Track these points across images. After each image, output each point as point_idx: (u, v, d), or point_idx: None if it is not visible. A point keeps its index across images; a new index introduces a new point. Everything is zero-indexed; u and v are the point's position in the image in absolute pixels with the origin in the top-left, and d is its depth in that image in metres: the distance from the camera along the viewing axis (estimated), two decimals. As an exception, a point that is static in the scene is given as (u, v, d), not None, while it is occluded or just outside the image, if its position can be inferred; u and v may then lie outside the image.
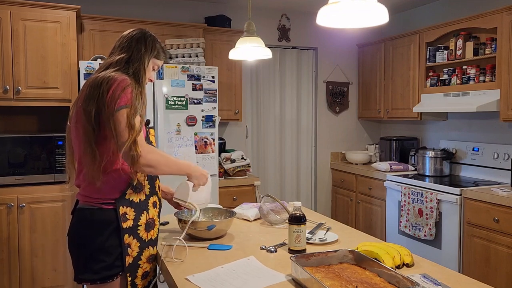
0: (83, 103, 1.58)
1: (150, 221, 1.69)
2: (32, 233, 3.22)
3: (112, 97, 1.54)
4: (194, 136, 3.49)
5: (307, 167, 4.93)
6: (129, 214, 1.61)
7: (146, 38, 1.76)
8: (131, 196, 1.63)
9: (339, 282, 1.36)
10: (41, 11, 3.28)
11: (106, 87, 1.55)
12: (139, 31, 1.78)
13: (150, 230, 1.69)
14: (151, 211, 1.71)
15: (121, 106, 1.55)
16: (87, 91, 1.59)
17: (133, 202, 1.64)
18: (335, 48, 4.91)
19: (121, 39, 1.75)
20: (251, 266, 1.60)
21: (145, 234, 1.66)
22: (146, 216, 1.67)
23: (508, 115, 3.22)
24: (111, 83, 1.56)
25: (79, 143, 1.60)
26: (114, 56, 1.71)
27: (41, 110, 3.62)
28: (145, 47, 1.75)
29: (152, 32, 1.82)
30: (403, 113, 4.27)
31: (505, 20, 3.22)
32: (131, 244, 1.61)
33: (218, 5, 4.36)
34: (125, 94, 1.57)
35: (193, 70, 3.48)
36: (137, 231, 1.63)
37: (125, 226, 1.59)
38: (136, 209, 1.64)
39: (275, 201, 2.18)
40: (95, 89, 1.56)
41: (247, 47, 2.51)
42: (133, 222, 1.62)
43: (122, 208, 1.60)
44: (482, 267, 3.09)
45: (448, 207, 3.34)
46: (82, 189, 1.64)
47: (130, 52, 1.71)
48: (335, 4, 1.31)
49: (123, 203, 1.61)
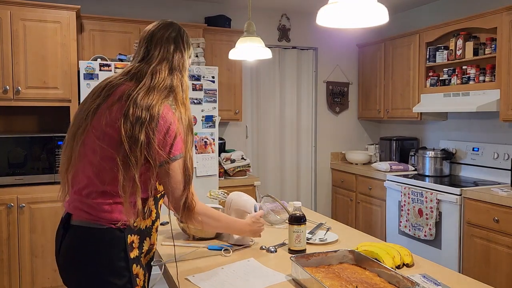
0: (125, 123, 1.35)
1: (151, 247, 1.54)
2: (32, 233, 3.22)
3: (164, 141, 1.38)
4: (194, 136, 3.49)
5: (307, 167, 4.93)
6: (135, 242, 1.45)
7: (183, 36, 1.55)
8: (139, 224, 1.46)
9: (339, 282, 1.36)
10: (41, 11, 3.28)
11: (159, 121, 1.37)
12: (172, 28, 1.54)
13: (147, 255, 1.53)
14: (153, 236, 1.55)
15: (176, 156, 1.40)
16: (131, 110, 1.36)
17: (140, 229, 1.47)
18: (335, 48, 4.91)
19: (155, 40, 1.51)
20: (251, 267, 1.60)
21: (144, 260, 1.50)
22: (148, 242, 1.51)
23: (508, 115, 3.22)
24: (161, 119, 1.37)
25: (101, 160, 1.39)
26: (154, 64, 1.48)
27: (41, 110, 3.62)
28: (184, 49, 1.54)
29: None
30: (403, 113, 4.27)
31: (505, 20, 3.22)
32: (139, 273, 1.45)
33: (218, 5, 4.36)
34: (179, 140, 1.41)
35: (193, 70, 3.48)
36: (140, 259, 1.47)
37: (132, 255, 1.42)
38: (141, 236, 1.48)
39: (275, 201, 2.17)
40: (142, 111, 1.36)
41: (247, 47, 2.51)
42: (138, 250, 1.46)
43: (130, 236, 1.42)
44: (482, 267, 3.09)
45: (448, 207, 3.33)
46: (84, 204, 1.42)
47: (169, 59, 1.50)
48: (335, 4, 1.31)
49: (131, 231, 1.43)
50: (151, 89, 1.42)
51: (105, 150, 1.38)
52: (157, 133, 1.37)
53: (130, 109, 1.36)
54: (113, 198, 1.39)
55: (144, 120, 1.35)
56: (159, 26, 1.53)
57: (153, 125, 1.36)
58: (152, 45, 1.50)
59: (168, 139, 1.38)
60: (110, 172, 1.37)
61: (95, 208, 1.40)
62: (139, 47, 1.53)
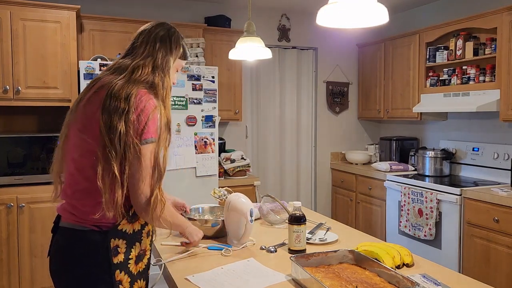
0: (103, 114, 1.34)
1: (141, 253, 1.48)
2: (32, 233, 3.22)
3: (138, 123, 1.34)
4: (194, 136, 3.49)
5: (307, 167, 4.93)
6: (121, 247, 1.40)
7: (171, 36, 1.54)
8: (124, 227, 1.41)
9: (339, 282, 1.36)
10: (41, 11, 3.28)
11: (133, 104, 1.34)
12: (162, 27, 1.54)
13: (139, 262, 1.47)
14: (144, 242, 1.49)
15: (147, 139, 1.35)
16: (109, 101, 1.35)
17: (126, 233, 1.41)
18: (335, 48, 4.91)
19: (142, 37, 1.51)
20: (251, 267, 1.60)
21: (134, 267, 1.45)
22: (138, 248, 1.46)
23: (508, 115, 3.22)
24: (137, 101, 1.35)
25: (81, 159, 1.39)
26: (138, 59, 1.47)
27: (41, 110, 3.62)
28: (171, 47, 1.52)
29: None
30: (403, 113, 4.27)
31: (505, 20, 3.22)
32: (122, 280, 1.40)
33: (218, 5, 4.35)
34: (153, 122, 1.36)
35: (193, 70, 3.48)
36: (127, 266, 1.42)
37: (116, 261, 1.38)
38: (128, 241, 1.42)
39: (275, 201, 2.17)
40: (120, 102, 1.34)
41: (247, 47, 2.51)
42: (124, 256, 1.40)
43: (114, 240, 1.38)
44: (482, 267, 3.09)
45: (448, 207, 3.33)
46: (70, 205, 1.41)
47: (154, 56, 1.48)
48: (335, 4, 1.31)
49: (115, 235, 1.38)
50: (131, 82, 1.40)
51: (86, 142, 1.37)
52: (132, 116, 1.34)
53: (108, 100, 1.35)
54: (96, 198, 1.34)
55: (123, 110, 1.33)
56: (150, 25, 1.54)
57: (130, 112, 1.33)
58: (139, 41, 1.50)
59: (142, 119, 1.34)
60: (91, 167, 1.34)
61: (79, 209, 1.38)
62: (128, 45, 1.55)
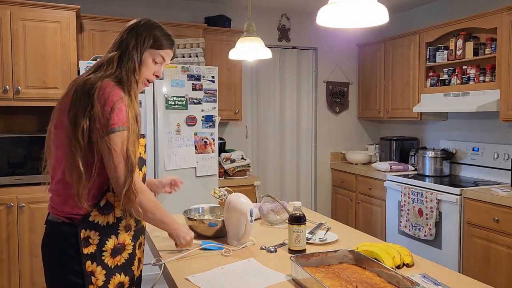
0: (70, 110, 1.38)
1: (119, 246, 1.47)
2: (32, 233, 3.22)
3: (102, 115, 1.35)
4: (194, 136, 3.49)
5: (307, 167, 4.93)
6: (93, 238, 1.41)
7: (139, 27, 1.50)
8: (96, 218, 1.42)
9: (339, 282, 1.36)
10: (41, 11, 3.28)
11: (96, 98, 1.36)
12: (137, 20, 1.54)
13: (117, 256, 1.47)
14: (121, 236, 1.48)
15: (115, 128, 1.36)
16: (75, 96, 1.39)
17: (98, 224, 1.43)
18: (335, 48, 4.91)
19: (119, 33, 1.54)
20: (251, 267, 1.60)
21: (110, 260, 1.45)
22: (114, 241, 1.46)
23: (508, 115, 3.22)
24: (99, 94, 1.36)
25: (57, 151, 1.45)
26: (107, 54, 1.50)
27: (41, 110, 3.61)
28: (136, 39, 1.48)
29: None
30: (403, 113, 4.27)
31: (505, 20, 3.22)
32: (95, 271, 1.41)
33: (218, 5, 4.35)
34: (119, 111, 1.37)
35: (193, 70, 3.48)
36: (101, 257, 1.42)
37: (86, 251, 1.40)
38: (102, 233, 1.43)
39: (275, 201, 2.17)
40: (85, 97, 1.37)
41: (247, 47, 2.51)
42: (96, 247, 1.42)
43: (85, 231, 1.40)
44: (482, 267, 3.09)
45: (448, 207, 3.33)
46: (51, 199, 1.49)
47: (120, 49, 1.48)
48: (335, 4, 1.31)
49: (85, 226, 1.41)
50: (96, 77, 1.42)
51: (59, 137, 1.43)
52: (96, 109, 1.35)
53: (74, 96, 1.40)
54: (66, 190, 1.41)
55: (86, 105, 1.36)
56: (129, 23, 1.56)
57: (94, 106, 1.35)
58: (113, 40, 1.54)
59: (106, 109, 1.35)
60: (63, 161, 1.41)
61: (56, 201, 1.46)
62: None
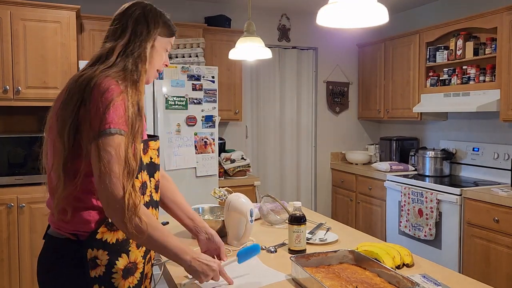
0: (60, 109, 1.21)
1: (131, 266, 1.28)
2: (32, 233, 3.22)
3: (95, 113, 1.14)
4: (194, 136, 3.49)
5: (307, 167, 4.93)
6: (101, 258, 1.22)
7: (147, 14, 1.32)
8: (105, 235, 1.23)
9: (339, 282, 1.36)
10: (41, 11, 3.28)
11: (89, 93, 1.16)
12: (137, 5, 1.34)
13: (129, 277, 1.28)
14: (133, 253, 1.29)
15: (106, 130, 1.14)
16: (67, 93, 1.21)
17: (107, 242, 1.24)
18: (335, 48, 4.91)
19: (116, 21, 1.32)
20: (250, 266, 1.60)
21: (122, 282, 1.26)
22: (125, 260, 1.26)
23: (508, 115, 3.22)
24: (93, 90, 1.16)
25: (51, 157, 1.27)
26: (108, 45, 1.29)
27: (41, 110, 3.60)
28: (148, 27, 1.31)
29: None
30: (403, 113, 4.27)
31: (505, 20, 3.22)
32: None
33: (218, 5, 4.36)
34: (115, 110, 1.15)
35: (193, 70, 3.48)
36: (110, 280, 1.24)
37: (93, 274, 1.21)
38: (111, 252, 1.24)
39: (275, 201, 2.17)
40: (75, 93, 1.18)
41: (247, 47, 2.51)
42: (105, 269, 1.23)
43: (91, 250, 1.21)
44: (482, 267, 3.09)
45: (448, 207, 3.33)
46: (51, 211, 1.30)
47: (126, 38, 1.28)
48: (335, 4, 1.31)
49: (92, 245, 1.21)
50: (93, 70, 1.22)
51: (51, 142, 1.26)
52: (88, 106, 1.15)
53: (66, 94, 1.22)
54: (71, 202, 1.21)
55: (76, 101, 1.17)
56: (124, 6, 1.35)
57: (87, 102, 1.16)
58: (111, 26, 1.32)
59: (101, 106, 1.14)
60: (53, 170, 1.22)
61: (54, 214, 1.26)
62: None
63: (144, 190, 1.34)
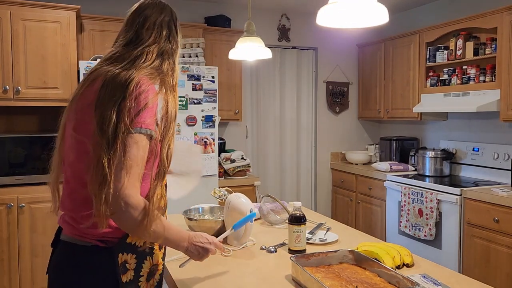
0: (96, 107, 1.17)
1: (153, 268, 1.31)
2: (32, 233, 3.22)
3: (134, 109, 1.15)
4: (194, 136, 3.49)
5: (307, 167, 4.93)
6: (130, 262, 1.23)
7: (175, 21, 1.40)
8: (134, 239, 1.24)
9: (339, 282, 1.36)
10: (41, 11, 3.28)
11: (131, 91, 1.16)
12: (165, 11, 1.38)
13: (151, 279, 1.31)
14: (156, 256, 1.32)
15: (138, 129, 1.15)
16: (102, 91, 1.18)
17: (136, 246, 1.24)
18: (335, 48, 4.91)
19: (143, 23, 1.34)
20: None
21: (145, 285, 1.28)
22: (149, 263, 1.29)
23: (508, 115, 3.22)
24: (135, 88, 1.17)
25: (76, 160, 1.22)
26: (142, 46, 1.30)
27: (41, 110, 3.61)
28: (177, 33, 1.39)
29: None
30: (403, 113, 4.27)
31: (505, 20, 3.22)
32: None
33: (218, 5, 4.35)
34: (149, 110, 1.17)
35: (193, 70, 3.48)
36: (138, 284, 1.25)
37: (125, 279, 1.21)
38: (139, 255, 1.25)
39: (275, 201, 2.17)
40: (115, 90, 1.17)
41: (247, 47, 2.51)
42: (134, 273, 1.24)
43: (122, 255, 1.21)
44: (482, 267, 3.09)
45: (448, 207, 3.33)
46: (69, 217, 1.24)
47: (160, 42, 1.33)
48: (335, 4, 1.31)
49: (123, 249, 1.21)
50: (132, 68, 1.23)
51: (81, 142, 1.20)
52: (127, 102, 1.15)
53: (103, 90, 1.18)
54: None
55: (118, 97, 1.16)
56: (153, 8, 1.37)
57: (127, 99, 1.16)
58: (144, 29, 1.33)
59: (137, 105, 1.15)
60: (88, 170, 1.14)
61: (78, 222, 1.21)
62: (125, 31, 1.35)
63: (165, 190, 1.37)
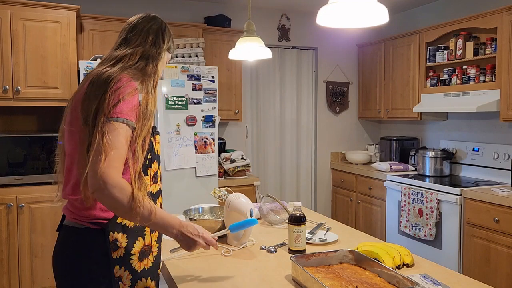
0: (82, 102, 1.32)
1: (146, 249, 1.42)
2: (32, 233, 3.22)
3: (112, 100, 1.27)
4: (194, 136, 3.49)
5: (307, 167, 4.93)
6: (121, 240, 1.34)
7: (164, 30, 1.53)
8: (124, 220, 1.35)
9: (339, 282, 1.36)
10: (41, 11, 3.28)
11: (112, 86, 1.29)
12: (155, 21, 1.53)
13: (144, 259, 1.41)
14: (147, 237, 1.42)
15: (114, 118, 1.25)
16: (88, 88, 1.32)
17: (126, 226, 1.36)
18: (335, 48, 4.91)
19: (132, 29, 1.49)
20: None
21: (138, 264, 1.38)
22: (141, 243, 1.40)
23: (508, 115, 3.22)
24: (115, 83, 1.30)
25: (72, 150, 1.36)
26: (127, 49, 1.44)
27: (40, 110, 3.62)
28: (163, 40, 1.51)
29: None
30: (403, 113, 4.27)
31: (505, 20, 3.22)
32: (123, 277, 1.34)
33: (218, 5, 4.35)
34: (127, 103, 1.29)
35: (193, 70, 3.48)
36: (129, 261, 1.36)
37: (115, 256, 1.32)
38: (129, 235, 1.36)
39: (275, 201, 2.17)
40: (99, 87, 1.30)
41: (247, 47, 2.51)
42: (124, 250, 1.34)
43: (113, 234, 1.32)
44: (482, 267, 3.09)
45: (448, 207, 3.33)
46: (69, 202, 1.39)
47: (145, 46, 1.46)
48: (335, 4, 1.31)
49: (114, 228, 1.33)
50: (115, 68, 1.36)
51: (73, 133, 1.34)
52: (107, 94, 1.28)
53: (90, 87, 1.32)
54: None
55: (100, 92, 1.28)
56: (142, 18, 1.52)
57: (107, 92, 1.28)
58: (131, 34, 1.47)
59: (115, 96, 1.27)
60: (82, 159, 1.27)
61: (74, 205, 1.35)
62: (118, 37, 1.51)
63: (156, 179, 1.48)
